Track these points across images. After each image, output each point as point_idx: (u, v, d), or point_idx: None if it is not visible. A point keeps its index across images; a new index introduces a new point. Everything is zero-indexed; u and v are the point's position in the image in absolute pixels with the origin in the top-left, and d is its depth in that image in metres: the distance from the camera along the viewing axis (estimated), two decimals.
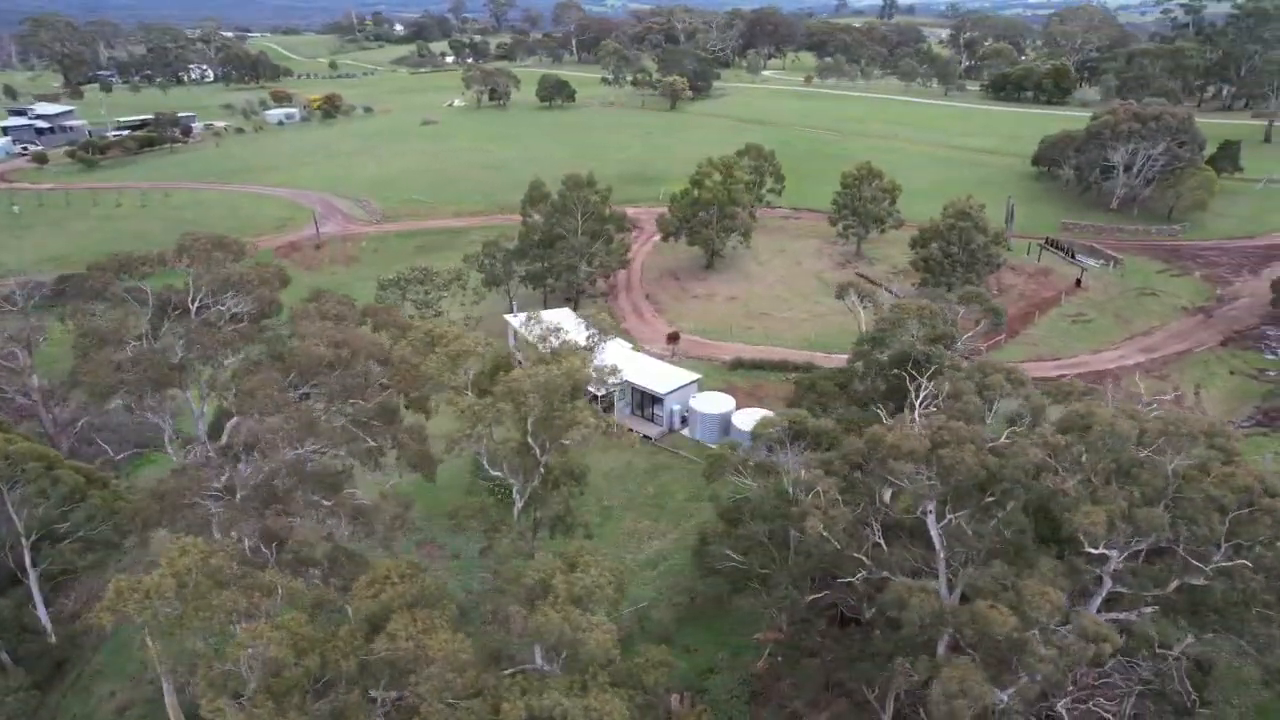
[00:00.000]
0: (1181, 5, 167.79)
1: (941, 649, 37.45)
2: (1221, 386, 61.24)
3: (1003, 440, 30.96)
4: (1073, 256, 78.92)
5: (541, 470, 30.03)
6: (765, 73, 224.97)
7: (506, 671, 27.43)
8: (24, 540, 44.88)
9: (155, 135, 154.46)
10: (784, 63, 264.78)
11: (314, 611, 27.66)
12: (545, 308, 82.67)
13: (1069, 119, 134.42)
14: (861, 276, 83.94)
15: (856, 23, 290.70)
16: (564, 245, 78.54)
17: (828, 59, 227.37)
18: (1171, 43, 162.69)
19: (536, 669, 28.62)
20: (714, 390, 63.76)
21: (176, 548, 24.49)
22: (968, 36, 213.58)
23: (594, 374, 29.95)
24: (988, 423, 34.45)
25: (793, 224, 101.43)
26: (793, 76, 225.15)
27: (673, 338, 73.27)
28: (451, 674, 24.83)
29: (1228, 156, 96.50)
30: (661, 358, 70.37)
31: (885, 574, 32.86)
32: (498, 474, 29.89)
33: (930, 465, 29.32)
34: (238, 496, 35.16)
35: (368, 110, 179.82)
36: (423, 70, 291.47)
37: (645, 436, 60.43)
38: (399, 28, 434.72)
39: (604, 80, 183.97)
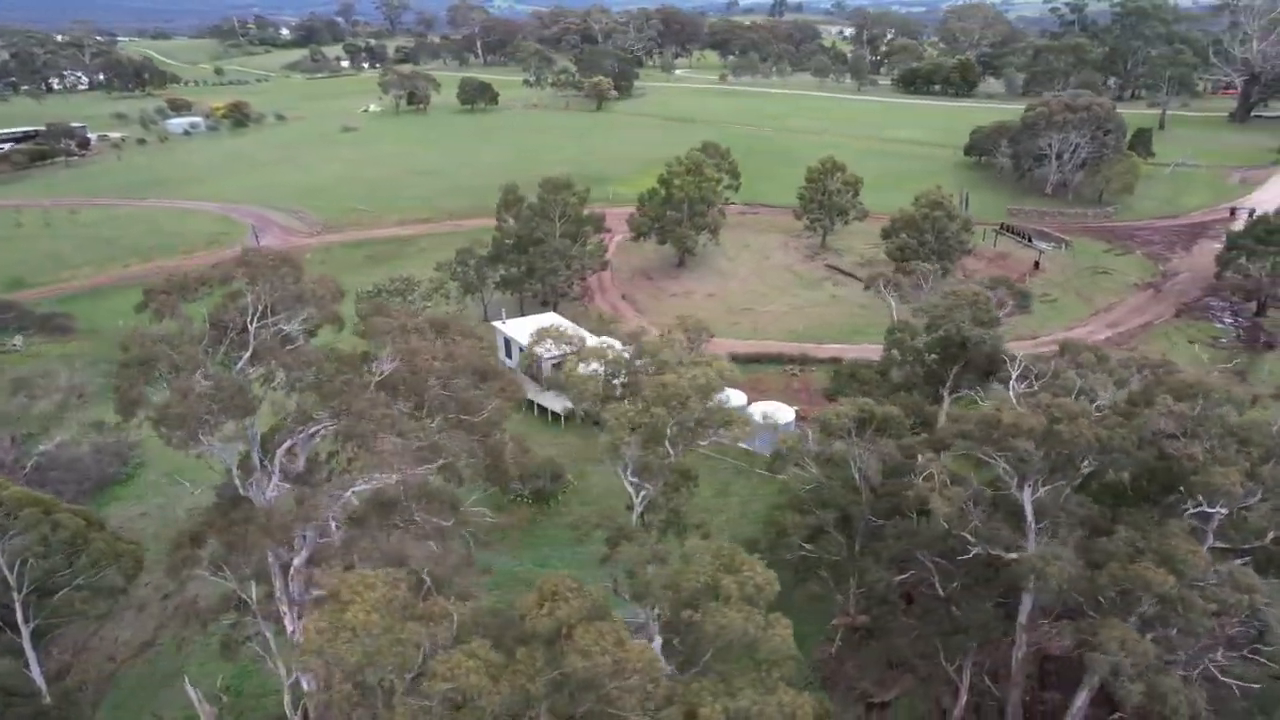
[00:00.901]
0: (1067, 4, 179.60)
1: (1023, 616, 39.30)
2: (1184, 354, 66.11)
3: (1095, 412, 32.90)
4: (1029, 241, 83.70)
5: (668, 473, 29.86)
6: (677, 71, 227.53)
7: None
8: (16, 595, 41.32)
9: (48, 148, 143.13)
10: (689, 61, 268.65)
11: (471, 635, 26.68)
12: (522, 313, 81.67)
13: (989, 111, 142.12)
14: (832, 268, 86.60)
15: (754, 20, 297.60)
16: (544, 248, 77.51)
17: (731, 56, 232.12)
18: (1060, 39, 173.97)
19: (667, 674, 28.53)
20: None
21: (359, 581, 23.16)
22: (871, 33, 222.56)
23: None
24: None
25: (750, 219, 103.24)
26: (705, 75, 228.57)
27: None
28: (651, 684, 24.51)
29: (1142, 143, 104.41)
30: None
31: (993, 549, 34.33)
32: (633, 481, 29.49)
33: (1044, 441, 30.84)
34: (334, 525, 33.56)
35: (280, 118, 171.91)
36: (319, 75, 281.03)
37: None
38: (285, 31, 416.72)
39: (525, 82, 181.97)
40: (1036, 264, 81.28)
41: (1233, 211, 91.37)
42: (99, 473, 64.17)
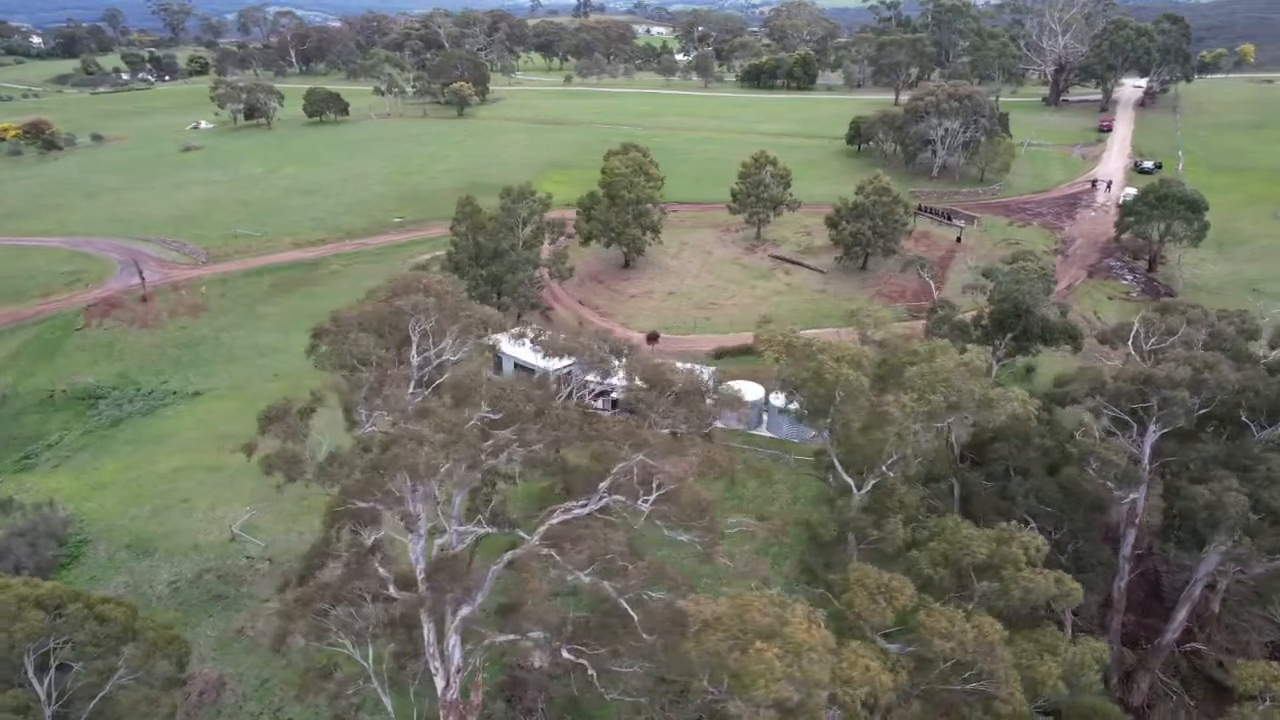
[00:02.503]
0: (884, 2, 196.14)
1: (1126, 550, 44.15)
2: (1107, 309, 75.64)
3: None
4: (949, 219, 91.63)
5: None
6: (517, 75, 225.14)
7: None
8: (45, 708, 36.03)
9: None
10: (518, 64, 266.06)
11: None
12: None
13: (840, 102, 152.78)
14: (777, 258, 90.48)
15: (584, 21, 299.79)
16: (510, 259, 75.36)
17: (556, 58, 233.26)
18: (884, 34, 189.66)
19: None
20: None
21: (770, 601, 22.71)
22: (700, 31, 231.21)
23: None
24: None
25: (674, 217, 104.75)
26: (547, 77, 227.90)
27: (652, 338, 73.84)
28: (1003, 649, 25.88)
29: (1002, 125, 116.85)
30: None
31: (1131, 492, 38.52)
32: (885, 470, 30.43)
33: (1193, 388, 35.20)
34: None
35: (97, 138, 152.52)
36: (103, 90, 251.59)
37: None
38: (36, 40, 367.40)
39: (377, 91, 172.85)
40: (958, 239, 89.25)
41: (1093, 184, 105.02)
42: (34, 559, 56.24)
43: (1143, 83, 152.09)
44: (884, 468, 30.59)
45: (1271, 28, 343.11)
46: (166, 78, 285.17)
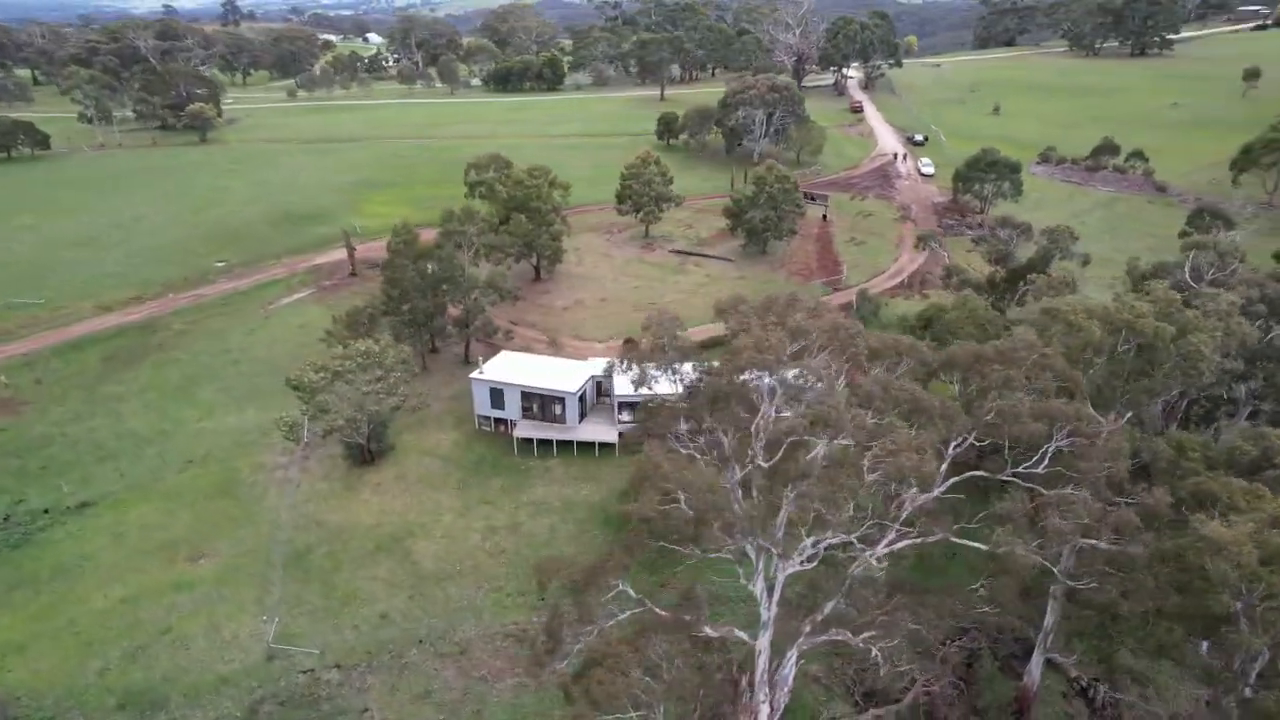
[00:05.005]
0: (608, 1, 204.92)
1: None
2: (968, 259, 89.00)
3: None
4: (813, 199, 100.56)
5: None
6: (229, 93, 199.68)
7: None
8: None
9: None
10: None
11: None
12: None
13: (606, 100, 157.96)
14: (681, 253, 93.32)
15: (207, 23, 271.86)
16: (462, 285, 69.99)
17: (248, 71, 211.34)
18: (612, 31, 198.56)
19: None
20: None
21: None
22: (418, 37, 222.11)
23: None
24: None
25: None
26: (261, 93, 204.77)
27: (629, 343, 72.91)
28: None
29: None
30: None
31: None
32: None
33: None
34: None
35: None
36: None
37: None
38: None
39: (82, 117, 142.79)
40: (824, 217, 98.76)
41: (895, 156, 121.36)
42: None
43: (852, 70, 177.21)
44: (1158, 401, 35.88)
45: None
46: None
